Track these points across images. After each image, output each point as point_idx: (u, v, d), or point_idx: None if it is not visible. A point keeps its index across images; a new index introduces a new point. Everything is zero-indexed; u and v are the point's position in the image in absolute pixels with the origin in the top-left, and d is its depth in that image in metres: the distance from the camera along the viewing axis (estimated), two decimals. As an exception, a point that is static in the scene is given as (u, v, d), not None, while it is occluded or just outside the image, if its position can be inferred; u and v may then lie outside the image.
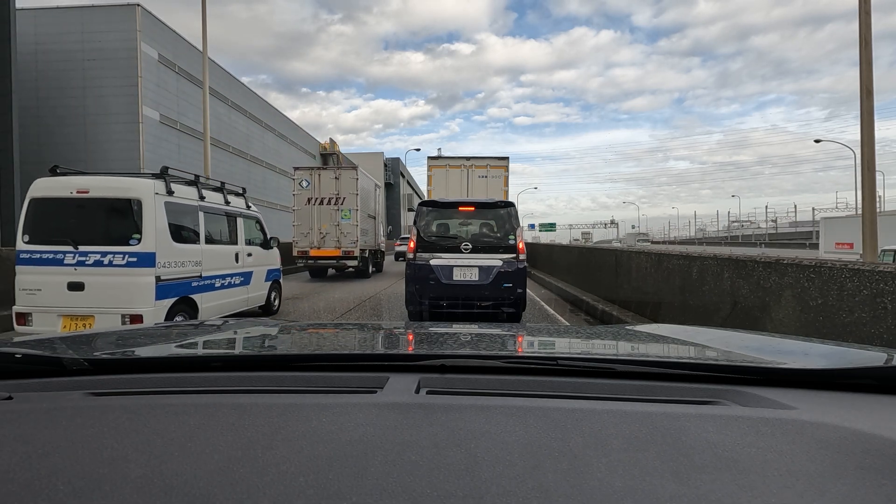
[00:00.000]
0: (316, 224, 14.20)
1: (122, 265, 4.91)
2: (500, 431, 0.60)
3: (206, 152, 12.62)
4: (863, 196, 7.09)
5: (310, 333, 1.49)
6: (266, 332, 1.41)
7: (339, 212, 14.12)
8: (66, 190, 5.03)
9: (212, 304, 6.08)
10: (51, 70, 23.15)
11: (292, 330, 1.53)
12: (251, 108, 35.44)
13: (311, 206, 14.23)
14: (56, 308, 4.91)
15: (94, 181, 5.15)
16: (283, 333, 1.42)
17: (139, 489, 0.48)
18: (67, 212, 5.03)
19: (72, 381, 0.85)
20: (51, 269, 4.93)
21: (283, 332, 1.43)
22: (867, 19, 6.91)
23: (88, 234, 4.99)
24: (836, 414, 0.67)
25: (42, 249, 4.97)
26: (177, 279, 5.36)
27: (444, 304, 6.27)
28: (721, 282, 4.57)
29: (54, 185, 5.11)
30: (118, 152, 23.09)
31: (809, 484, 0.49)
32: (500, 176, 15.89)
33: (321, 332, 1.51)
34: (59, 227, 5.01)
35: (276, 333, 1.41)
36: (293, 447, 0.56)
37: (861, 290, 2.97)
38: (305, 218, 14.30)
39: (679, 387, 0.82)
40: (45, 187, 5.11)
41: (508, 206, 6.78)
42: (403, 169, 69.56)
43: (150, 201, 5.02)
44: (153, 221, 5.02)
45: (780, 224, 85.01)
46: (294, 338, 1.37)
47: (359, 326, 1.71)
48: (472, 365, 0.91)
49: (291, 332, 1.46)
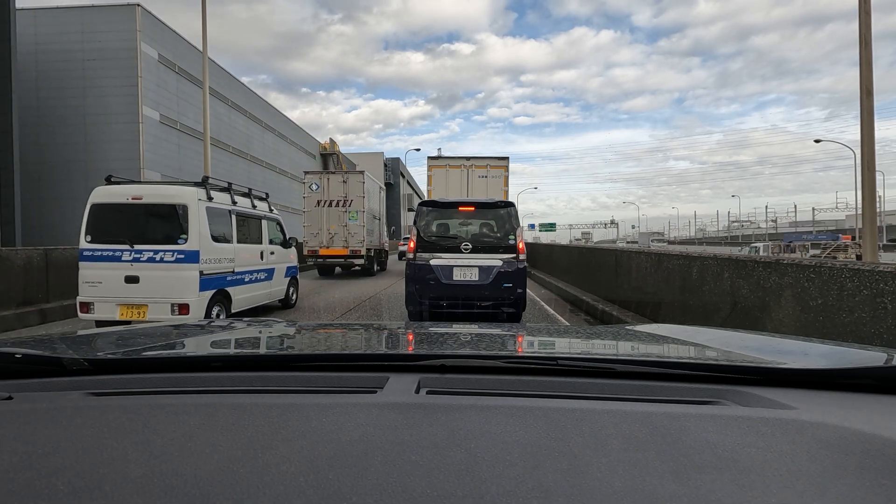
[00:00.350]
0: (325, 225, 15.00)
1: (172, 261, 5.72)
2: (500, 431, 0.60)
3: (206, 152, 12.62)
4: (863, 196, 7.09)
5: (310, 333, 1.49)
6: (266, 333, 1.41)
7: (347, 213, 15.00)
8: (123, 197, 5.88)
9: (242, 297, 6.87)
10: (51, 70, 23.15)
11: (292, 330, 1.53)
12: (251, 108, 35.45)
13: (320, 208, 15.08)
14: (114, 298, 5.72)
15: (146, 189, 6.07)
16: (283, 333, 1.42)
17: (139, 489, 0.48)
18: (124, 215, 5.86)
19: (72, 381, 0.85)
20: (110, 265, 5.75)
21: (282, 332, 1.43)
22: (867, 19, 6.91)
23: (142, 234, 5.81)
24: (836, 414, 0.67)
25: (102, 248, 5.79)
26: (215, 274, 6.18)
27: (444, 304, 6.27)
28: (721, 282, 4.57)
29: (112, 193, 5.96)
30: (118, 152, 23.09)
31: (809, 484, 0.49)
32: (500, 176, 15.88)
33: (321, 332, 1.51)
34: (116, 228, 5.84)
35: (276, 333, 1.41)
36: (293, 447, 0.56)
37: (861, 290, 2.97)
38: (315, 219, 15.08)
39: (679, 387, 0.82)
40: (104, 194, 5.96)
41: (508, 206, 6.78)
42: (403, 169, 69.55)
43: (194, 206, 5.85)
44: (197, 223, 5.84)
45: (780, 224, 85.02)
46: (294, 338, 1.37)
47: (359, 326, 1.71)
48: (472, 365, 0.91)
49: (291, 332, 1.46)
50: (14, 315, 6.88)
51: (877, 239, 7.05)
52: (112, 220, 5.87)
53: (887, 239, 50.27)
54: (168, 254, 5.73)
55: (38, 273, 7.50)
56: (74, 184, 23.22)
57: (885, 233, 50.07)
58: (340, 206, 15.04)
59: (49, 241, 20.58)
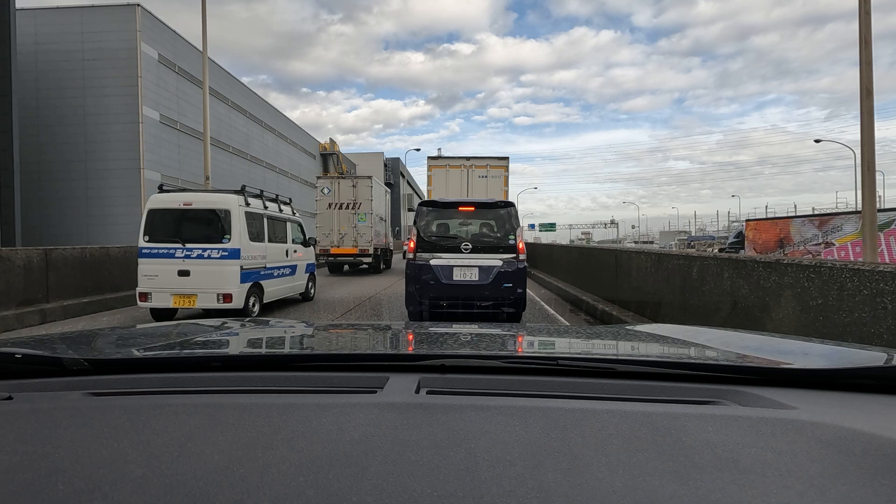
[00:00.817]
0: (336, 226, 16.22)
1: (217, 257, 6.71)
2: (500, 431, 0.60)
3: (206, 152, 12.63)
4: (863, 196, 7.09)
5: (310, 333, 1.49)
6: (266, 332, 1.41)
7: (356, 215, 16.27)
8: (175, 203, 6.86)
9: (272, 289, 7.84)
10: (51, 70, 23.14)
11: (292, 330, 1.53)
12: (251, 108, 35.44)
13: (331, 210, 16.33)
14: (169, 289, 6.65)
15: (195, 196, 7.06)
16: (283, 333, 1.42)
17: (139, 489, 0.48)
18: (176, 219, 6.84)
19: (72, 381, 0.85)
20: (165, 261, 6.68)
21: (283, 332, 1.43)
22: (867, 19, 6.92)
23: (192, 234, 6.78)
24: (836, 414, 0.67)
25: (158, 246, 6.75)
26: (252, 269, 7.17)
27: (444, 304, 6.27)
28: (721, 282, 4.57)
29: (166, 199, 6.92)
30: (118, 152, 23.09)
31: (809, 484, 0.49)
32: (500, 176, 15.89)
33: (321, 332, 1.51)
34: (170, 229, 6.79)
35: (276, 333, 1.40)
36: (293, 447, 0.56)
37: (861, 290, 2.97)
38: (326, 220, 16.28)
39: (679, 387, 0.82)
40: (159, 201, 6.94)
41: (508, 206, 6.78)
42: (403, 169, 69.56)
43: (235, 210, 6.87)
44: (238, 225, 6.85)
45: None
46: (294, 338, 1.37)
47: (358, 326, 1.72)
48: (472, 365, 0.91)
49: (291, 332, 1.46)
50: (14, 315, 6.88)
51: (877, 239, 7.05)
52: (166, 223, 6.83)
53: (887, 239, 50.21)
54: (214, 251, 6.73)
55: (38, 273, 7.50)
56: (74, 184, 23.22)
57: (885, 233, 49.99)
58: (350, 208, 16.23)
59: (49, 241, 20.59)
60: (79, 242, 20.27)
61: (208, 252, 6.71)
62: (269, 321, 1.67)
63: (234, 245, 6.78)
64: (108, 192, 23.15)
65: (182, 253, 6.69)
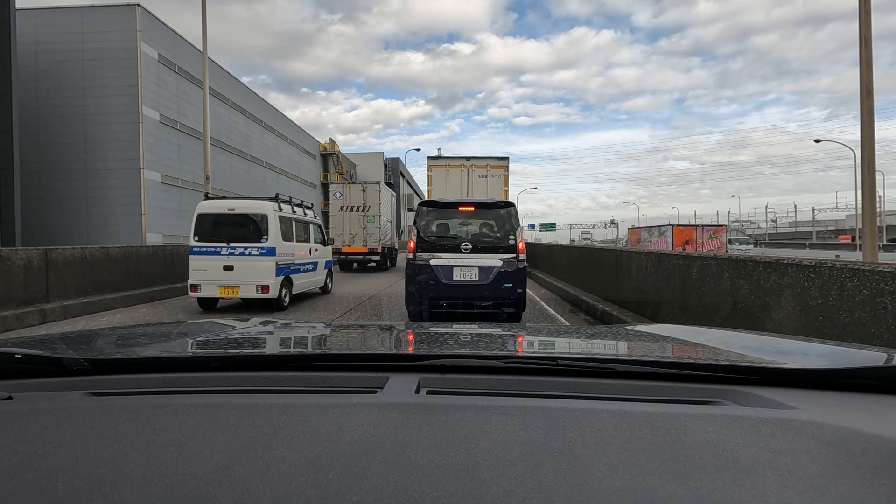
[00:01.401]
0: (347, 227, 17.71)
1: (257, 255, 7.87)
2: (500, 431, 0.60)
3: (206, 152, 12.63)
4: (863, 196, 7.09)
5: (310, 333, 1.49)
6: (266, 333, 1.41)
7: (365, 217, 17.80)
8: (221, 208, 8.15)
9: (299, 282, 9.01)
10: (51, 70, 23.14)
11: (292, 330, 1.53)
12: (251, 108, 35.44)
13: (343, 213, 17.89)
14: (215, 281, 7.81)
15: (237, 203, 8.32)
16: (283, 333, 1.42)
17: (139, 489, 0.48)
18: (221, 222, 8.04)
19: (72, 381, 0.85)
20: (212, 258, 7.86)
21: (283, 332, 1.43)
22: (867, 19, 6.92)
23: (235, 235, 7.96)
24: (836, 414, 0.67)
25: (206, 245, 7.93)
26: (284, 264, 8.30)
27: (444, 304, 6.27)
28: (721, 282, 4.57)
29: (212, 205, 8.26)
30: (118, 152, 23.09)
31: (809, 484, 0.49)
32: (500, 176, 15.90)
33: (321, 332, 1.51)
34: (216, 231, 7.99)
35: (275, 333, 1.40)
36: (293, 447, 0.56)
37: (861, 290, 2.97)
38: (338, 222, 17.83)
39: (679, 387, 0.82)
40: (207, 206, 8.22)
41: (508, 206, 6.78)
42: (403, 169, 69.58)
43: (271, 215, 8.06)
44: (273, 228, 8.02)
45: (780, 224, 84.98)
46: (294, 338, 1.37)
47: (359, 326, 1.72)
48: (472, 365, 0.91)
49: (291, 332, 1.46)
50: (14, 315, 6.88)
51: (877, 239, 7.05)
52: (212, 226, 8.03)
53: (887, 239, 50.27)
54: (254, 249, 7.89)
55: (38, 273, 7.50)
56: (74, 184, 23.22)
57: (885, 233, 50.07)
58: (360, 211, 17.80)
59: (49, 241, 20.59)
60: (79, 242, 20.29)
61: (249, 250, 7.90)
62: (270, 321, 1.67)
63: (270, 244, 7.96)
64: (108, 192, 23.16)
65: (226, 251, 7.88)
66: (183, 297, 10.08)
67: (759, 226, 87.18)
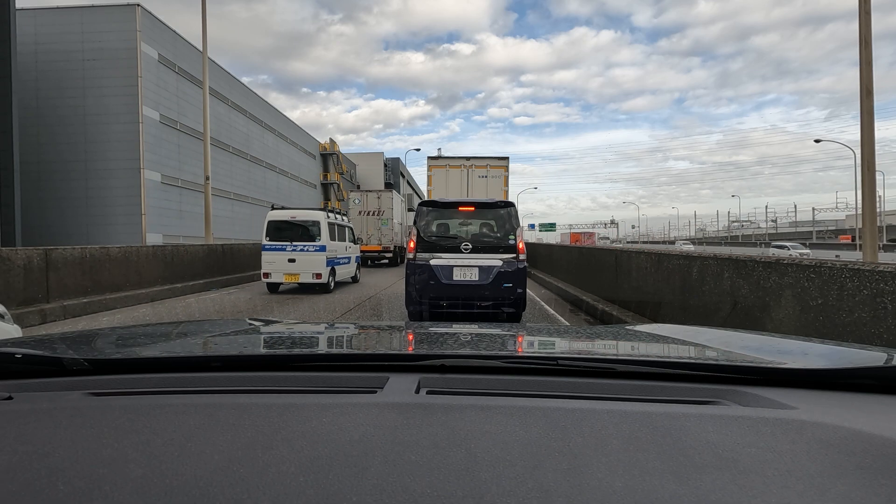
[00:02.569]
0: (365, 228, 20.46)
1: (312, 251, 10.68)
2: (500, 431, 0.60)
3: (206, 152, 12.62)
4: (863, 196, 7.10)
5: (310, 333, 1.49)
6: (266, 332, 1.41)
7: (380, 220, 20.74)
8: (285, 216, 10.97)
9: (340, 272, 11.82)
10: (51, 70, 23.14)
11: (292, 330, 1.53)
12: (251, 108, 35.42)
13: (361, 217, 20.77)
14: (281, 270, 10.53)
15: (297, 212, 11.16)
16: (283, 333, 1.42)
17: (139, 489, 0.48)
18: (286, 226, 10.84)
19: (72, 381, 0.85)
20: (279, 253, 10.62)
21: (283, 332, 1.43)
22: (867, 19, 6.92)
23: (296, 236, 10.73)
24: (836, 414, 0.67)
25: (275, 244, 10.69)
26: (331, 258, 11.12)
27: (444, 304, 6.26)
28: (721, 282, 4.57)
29: (279, 214, 11.01)
30: (118, 152, 23.09)
31: (809, 484, 0.49)
32: (500, 176, 15.91)
33: (321, 332, 1.51)
34: (282, 233, 10.75)
35: (276, 333, 1.40)
36: (293, 447, 0.56)
37: (861, 290, 2.97)
38: (357, 224, 20.09)
39: (679, 387, 0.82)
40: (274, 215, 10.97)
41: (508, 206, 6.78)
42: (403, 169, 69.60)
43: (323, 222, 10.92)
44: (325, 231, 10.84)
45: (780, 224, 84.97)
46: (294, 338, 1.37)
47: (359, 326, 1.71)
48: (472, 365, 0.91)
49: (291, 332, 1.46)
50: (14, 315, 6.85)
51: (877, 239, 7.05)
52: (279, 229, 10.84)
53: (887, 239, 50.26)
54: (311, 247, 10.74)
55: (38, 273, 7.50)
56: (74, 184, 23.23)
57: (885, 233, 50.07)
58: (375, 215, 20.79)
59: (49, 241, 20.59)
60: (79, 242, 20.36)
61: (306, 248, 10.75)
62: (270, 321, 1.67)
63: (322, 243, 10.84)
64: (108, 192, 23.15)
65: (290, 248, 10.68)
66: (182, 297, 10.39)
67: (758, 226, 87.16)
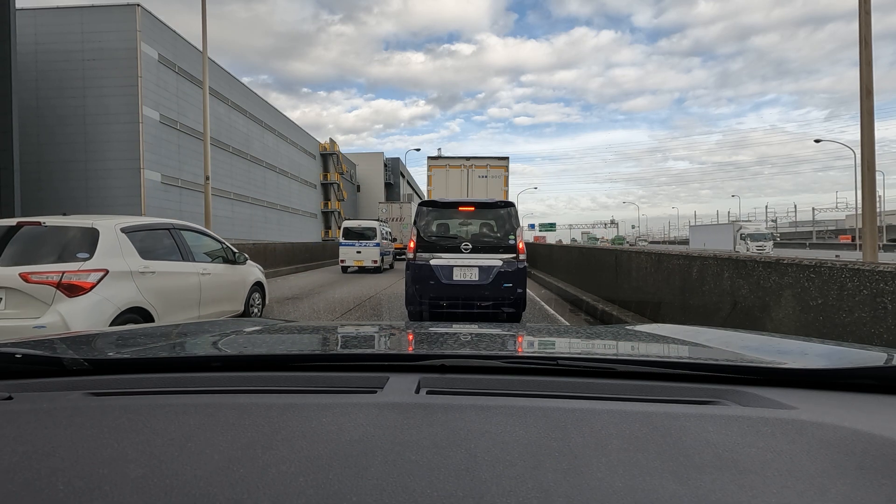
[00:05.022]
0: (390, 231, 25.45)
1: (371, 246, 17.37)
2: (500, 431, 0.60)
3: (206, 152, 12.62)
4: (863, 196, 7.10)
5: (310, 333, 1.49)
6: (266, 332, 1.41)
7: (402, 224, 26.46)
8: (354, 224, 18.09)
9: (385, 260, 18.31)
10: (51, 70, 23.14)
11: (292, 330, 1.53)
12: (251, 108, 35.43)
13: (388, 222, 25.70)
14: (352, 259, 17.31)
15: (362, 222, 18.47)
16: (283, 333, 1.42)
17: (139, 489, 0.48)
18: (354, 230, 17.70)
19: (72, 381, 0.85)
20: (350, 248, 17.42)
21: (283, 332, 1.43)
22: (867, 19, 6.92)
23: (361, 237, 17.54)
24: (836, 414, 0.67)
25: (348, 241, 17.49)
26: (382, 251, 17.72)
27: (444, 304, 6.27)
28: (721, 282, 4.57)
29: (350, 223, 18.16)
30: (118, 152, 23.10)
31: (809, 484, 0.49)
32: (500, 176, 15.91)
33: (321, 332, 1.51)
34: (352, 234, 17.58)
35: (276, 333, 1.40)
36: (293, 447, 0.56)
37: (861, 290, 2.97)
38: None
39: (679, 387, 0.82)
40: (348, 223, 18.13)
41: (508, 206, 6.78)
42: (403, 169, 69.62)
43: (377, 228, 17.84)
44: (379, 233, 17.70)
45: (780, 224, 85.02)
46: (294, 338, 1.37)
47: (359, 326, 1.71)
48: (472, 365, 0.91)
49: (291, 332, 1.46)
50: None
51: (877, 239, 7.05)
52: (351, 232, 17.50)
53: (887, 239, 50.26)
54: (371, 244, 17.28)
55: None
56: (74, 184, 23.24)
57: (885, 233, 50.07)
58: (398, 220, 27.01)
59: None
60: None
61: (367, 244, 17.30)
62: (270, 321, 1.67)
63: (376, 241, 17.34)
64: (108, 192, 23.16)
65: (357, 244, 17.26)
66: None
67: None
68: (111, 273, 4.43)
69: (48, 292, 4.07)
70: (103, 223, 4.65)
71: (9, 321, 4.00)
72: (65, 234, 4.49)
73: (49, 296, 4.08)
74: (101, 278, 4.34)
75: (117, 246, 4.63)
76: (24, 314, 4.05)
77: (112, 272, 4.44)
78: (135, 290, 4.65)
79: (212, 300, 5.84)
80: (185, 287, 5.37)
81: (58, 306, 4.08)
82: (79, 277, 4.20)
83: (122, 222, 4.88)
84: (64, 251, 4.36)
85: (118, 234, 4.70)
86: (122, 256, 4.62)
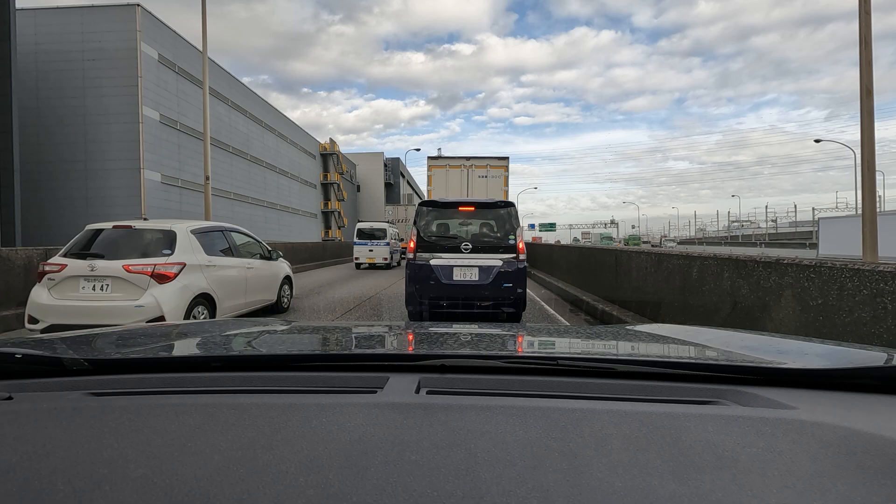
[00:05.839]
0: None
1: (382, 245, 19.52)
2: (500, 431, 0.60)
3: (206, 152, 12.62)
4: (863, 196, 7.09)
5: (310, 333, 1.49)
6: (266, 332, 1.41)
7: (407, 224, 26.74)
8: (367, 225, 20.05)
9: (394, 258, 20.46)
10: (51, 70, 23.13)
11: (292, 330, 1.52)
12: (251, 108, 35.41)
13: (395, 223, 26.77)
14: (364, 257, 19.41)
15: (374, 223, 20.57)
16: (284, 333, 1.42)
17: (139, 489, 0.48)
18: (368, 231, 19.73)
19: (72, 381, 0.85)
20: (363, 246, 19.54)
21: (283, 332, 1.43)
22: (867, 19, 6.92)
23: (373, 237, 19.67)
24: (836, 414, 0.67)
25: (361, 241, 19.55)
26: (391, 250, 19.98)
27: (444, 304, 6.26)
28: (721, 282, 4.57)
29: (363, 224, 20.19)
30: (118, 152, 23.09)
31: (809, 484, 0.49)
32: (500, 176, 15.90)
33: (321, 332, 1.51)
34: (366, 235, 19.66)
35: (276, 333, 1.40)
36: (293, 447, 0.56)
37: (861, 290, 2.97)
38: None
39: (679, 387, 0.82)
40: (361, 224, 20.17)
41: (508, 206, 6.77)
42: (403, 169, 69.62)
43: (389, 229, 20.04)
44: (389, 233, 19.86)
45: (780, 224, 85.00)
46: (294, 338, 1.37)
47: (358, 326, 1.71)
48: (472, 365, 0.91)
49: (291, 332, 1.46)
50: (14, 315, 6.88)
51: (877, 239, 7.04)
52: (364, 232, 19.46)
53: (887, 239, 50.13)
54: (381, 243, 19.36)
55: (38, 273, 7.49)
56: (74, 184, 23.22)
57: (885, 233, 49.92)
58: (403, 221, 27.92)
59: (49, 241, 20.58)
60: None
61: (378, 244, 19.10)
62: (270, 321, 1.67)
63: (387, 241, 19.20)
64: (108, 192, 23.15)
65: (369, 244, 19.09)
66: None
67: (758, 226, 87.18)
68: (188, 266, 5.47)
69: (144, 280, 5.15)
70: (179, 226, 5.70)
71: (115, 302, 5.08)
72: (150, 234, 5.57)
73: (145, 283, 5.16)
74: (180, 269, 5.39)
75: (189, 244, 5.66)
76: (126, 297, 5.11)
77: (188, 265, 5.49)
78: (204, 280, 5.71)
79: (254, 290, 6.99)
80: (237, 278, 6.51)
81: (151, 291, 5.17)
82: (165, 269, 5.29)
83: (192, 225, 5.94)
84: (150, 248, 5.44)
85: (189, 235, 5.73)
86: (193, 253, 5.66)
